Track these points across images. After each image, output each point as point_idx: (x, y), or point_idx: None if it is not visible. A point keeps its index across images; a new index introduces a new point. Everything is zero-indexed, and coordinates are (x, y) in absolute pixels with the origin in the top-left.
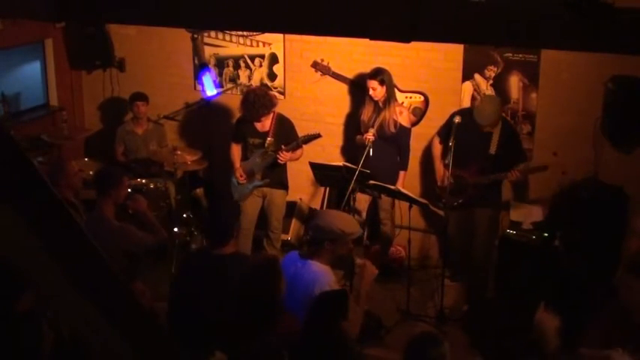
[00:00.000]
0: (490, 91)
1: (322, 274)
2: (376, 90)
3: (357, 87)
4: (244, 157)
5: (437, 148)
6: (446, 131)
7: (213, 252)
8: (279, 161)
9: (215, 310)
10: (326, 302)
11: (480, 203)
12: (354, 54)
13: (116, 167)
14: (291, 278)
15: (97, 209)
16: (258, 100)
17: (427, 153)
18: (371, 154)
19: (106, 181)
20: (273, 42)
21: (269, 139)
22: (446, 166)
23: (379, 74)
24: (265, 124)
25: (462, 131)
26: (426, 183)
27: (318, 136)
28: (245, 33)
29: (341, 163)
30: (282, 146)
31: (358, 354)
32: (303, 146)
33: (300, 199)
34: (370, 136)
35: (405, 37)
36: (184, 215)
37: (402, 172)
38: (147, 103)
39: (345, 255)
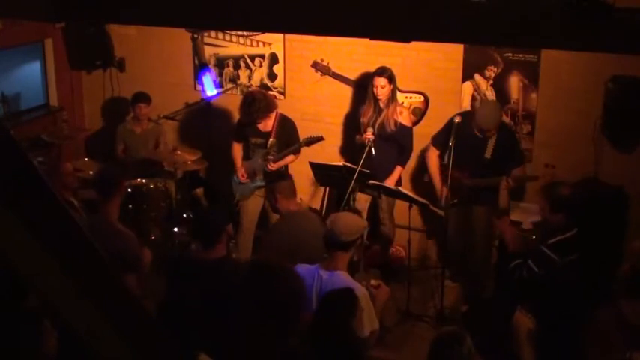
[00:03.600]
0: (490, 91)
1: (355, 286)
2: (384, 88)
3: (358, 87)
4: (246, 157)
5: (433, 162)
6: (442, 137)
7: (199, 256)
8: (267, 169)
9: (203, 316)
10: (336, 302)
11: (477, 202)
12: (355, 54)
13: (114, 168)
14: (315, 292)
15: (102, 212)
16: (256, 104)
17: (424, 159)
18: (373, 152)
19: (108, 185)
20: (273, 42)
21: (271, 139)
22: (443, 165)
23: (387, 71)
24: (267, 124)
25: (459, 133)
26: (426, 183)
27: (320, 139)
28: (245, 33)
29: (341, 163)
30: (270, 157)
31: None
32: (301, 150)
33: (300, 199)
34: (369, 135)
35: (405, 37)
36: (184, 215)
37: (398, 167)
38: (149, 104)
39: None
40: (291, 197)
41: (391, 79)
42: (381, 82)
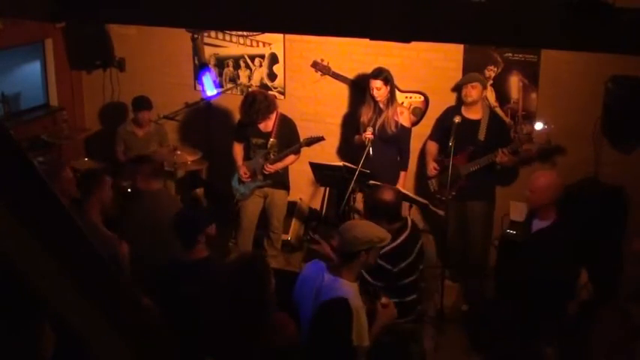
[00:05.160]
0: (490, 91)
1: (352, 295)
2: (380, 90)
3: (357, 87)
4: (247, 157)
5: (431, 150)
6: (440, 131)
7: (180, 259)
8: (264, 171)
9: (191, 318)
10: (332, 313)
11: (474, 196)
12: (354, 54)
13: (99, 168)
14: (315, 292)
15: (82, 213)
16: (257, 105)
17: (424, 154)
18: (371, 153)
19: (88, 182)
20: (273, 42)
21: (272, 139)
22: (438, 161)
23: (382, 73)
24: (268, 124)
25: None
26: (425, 183)
27: (321, 139)
28: (245, 33)
29: (341, 163)
30: (270, 157)
31: None
32: (301, 150)
33: (300, 199)
34: (369, 134)
35: (405, 37)
36: None
37: (402, 173)
38: (151, 109)
39: (373, 264)
40: (151, 177)
41: (387, 80)
42: (376, 84)
